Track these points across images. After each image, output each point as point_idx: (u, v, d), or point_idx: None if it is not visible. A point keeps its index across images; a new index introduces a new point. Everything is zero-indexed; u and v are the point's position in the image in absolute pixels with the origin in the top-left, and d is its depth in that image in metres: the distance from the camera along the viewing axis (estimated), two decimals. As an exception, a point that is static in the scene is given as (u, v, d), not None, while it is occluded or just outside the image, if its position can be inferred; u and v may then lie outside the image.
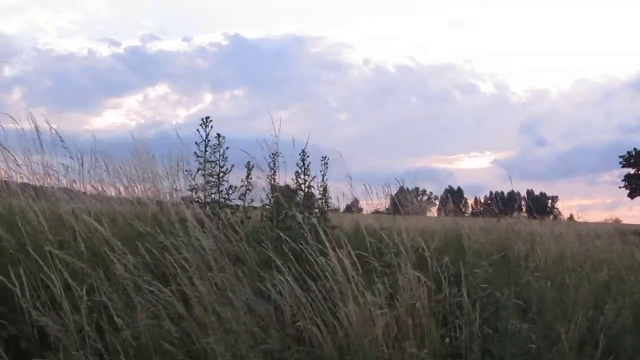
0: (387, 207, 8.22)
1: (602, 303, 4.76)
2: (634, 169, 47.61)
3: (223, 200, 4.86)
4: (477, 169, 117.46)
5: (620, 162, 47.95)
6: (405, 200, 7.25)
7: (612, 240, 7.46)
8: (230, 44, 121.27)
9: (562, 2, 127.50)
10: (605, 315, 4.43)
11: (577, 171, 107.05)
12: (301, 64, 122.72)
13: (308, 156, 5.19)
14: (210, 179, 4.85)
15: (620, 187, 48.48)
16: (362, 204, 8.18)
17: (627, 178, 48.08)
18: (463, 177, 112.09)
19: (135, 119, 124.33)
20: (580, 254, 6.01)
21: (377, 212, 8.51)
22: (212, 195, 4.87)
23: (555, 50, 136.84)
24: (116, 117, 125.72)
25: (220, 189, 4.88)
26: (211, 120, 4.85)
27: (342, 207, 7.50)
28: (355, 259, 3.77)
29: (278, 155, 5.19)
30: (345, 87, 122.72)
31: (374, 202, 7.75)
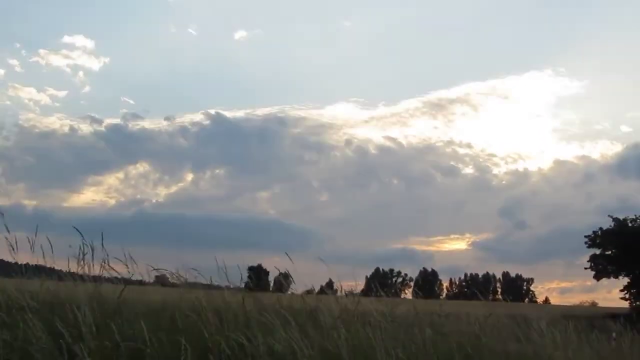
0: (362, 288, 8.16)
1: None
2: (600, 249, 46.14)
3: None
4: (456, 251, 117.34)
5: (585, 243, 46.59)
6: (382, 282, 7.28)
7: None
8: (212, 123, 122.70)
9: (546, 90, 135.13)
10: None
11: (556, 254, 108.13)
12: (283, 144, 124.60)
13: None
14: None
15: (586, 269, 46.93)
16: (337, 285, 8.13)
17: (593, 259, 46.47)
18: (443, 259, 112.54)
19: (115, 196, 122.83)
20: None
21: (351, 293, 8.44)
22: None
23: (535, 132, 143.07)
24: (96, 195, 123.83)
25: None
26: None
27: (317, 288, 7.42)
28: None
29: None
30: (327, 168, 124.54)
31: (349, 283, 7.73)
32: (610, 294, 45.49)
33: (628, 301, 44.63)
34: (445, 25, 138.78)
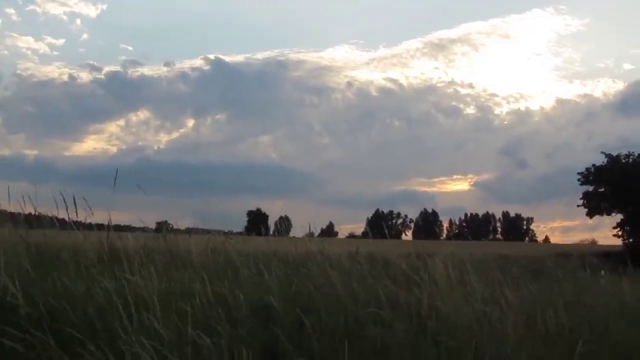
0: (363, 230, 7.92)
1: None
2: (593, 187, 45.93)
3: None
4: (458, 192, 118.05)
5: (578, 180, 46.44)
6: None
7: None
8: (212, 68, 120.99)
9: (547, 29, 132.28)
10: None
11: (558, 193, 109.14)
12: (284, 88, 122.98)
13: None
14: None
15: (578, 206, 46.81)
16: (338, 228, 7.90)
17: (585, 196, 46.23)
18: (444, 200, 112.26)
19: (116, 144, 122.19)
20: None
21: (352, 235, 8.22)
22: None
23: (537, 71, 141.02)
24: (97, 143, 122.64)
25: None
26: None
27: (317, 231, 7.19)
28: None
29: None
30: (328, 111, 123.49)
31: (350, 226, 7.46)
32: (612, 231, 45.29)
33: (621, 238, 44.76)
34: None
